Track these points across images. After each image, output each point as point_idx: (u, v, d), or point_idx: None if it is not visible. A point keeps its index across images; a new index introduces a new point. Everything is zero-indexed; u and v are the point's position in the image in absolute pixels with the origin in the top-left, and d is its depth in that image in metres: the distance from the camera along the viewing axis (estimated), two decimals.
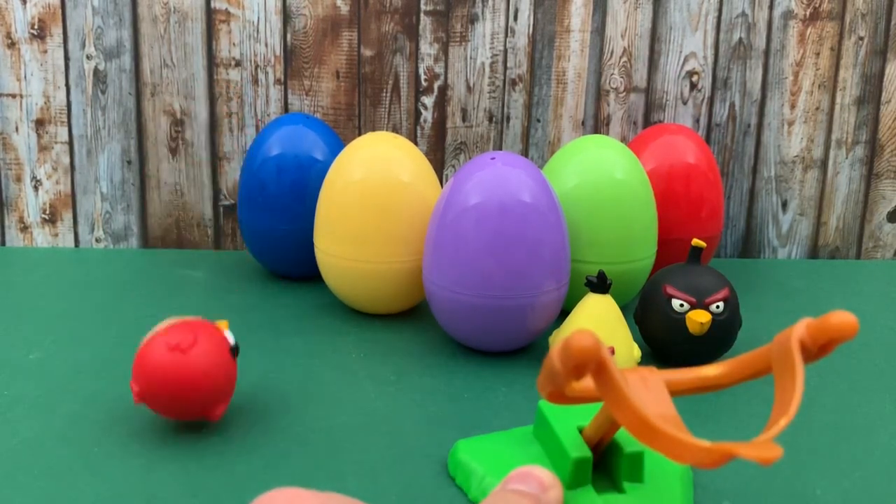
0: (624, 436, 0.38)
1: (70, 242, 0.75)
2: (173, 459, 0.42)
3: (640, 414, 0.29)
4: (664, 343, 0.53)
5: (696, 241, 0.53)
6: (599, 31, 0.74)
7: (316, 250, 0.61)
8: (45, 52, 0.72)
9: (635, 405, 0.29)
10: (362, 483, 0.41)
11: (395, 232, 0.57)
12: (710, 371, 0.34)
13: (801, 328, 0.31)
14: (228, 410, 0.47)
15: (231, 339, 0.44)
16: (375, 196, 0.57)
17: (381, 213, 0.57)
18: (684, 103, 0.76)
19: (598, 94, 0.76)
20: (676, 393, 0.34)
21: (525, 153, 0.76)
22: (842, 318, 0.30)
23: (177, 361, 0.42)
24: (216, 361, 0.42)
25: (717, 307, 0.51)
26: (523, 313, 0.53)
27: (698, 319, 0.50)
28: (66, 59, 0.72)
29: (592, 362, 0.28)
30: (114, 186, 0.74)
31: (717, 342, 0.52)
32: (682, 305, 0.52)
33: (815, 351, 0.31)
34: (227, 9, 0.72)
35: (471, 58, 0.74)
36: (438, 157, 0.76)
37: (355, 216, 0.57)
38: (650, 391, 0.33)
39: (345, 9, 0.72)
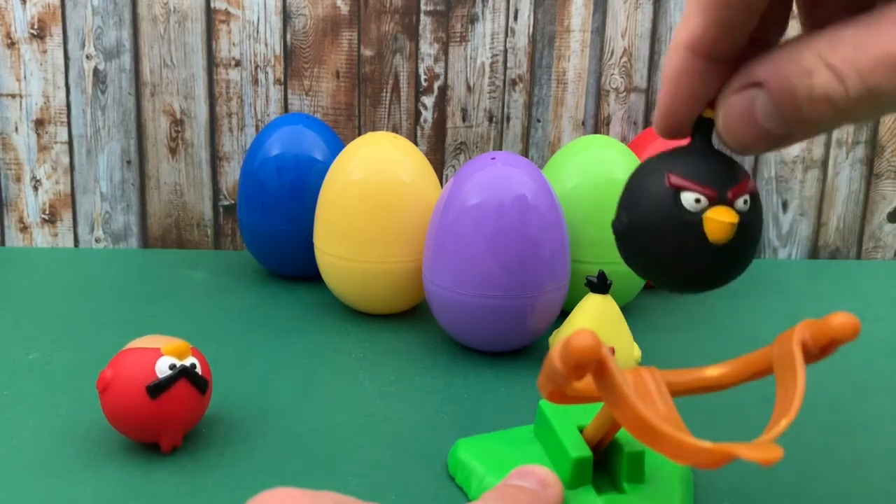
0: (625, 435, 0.38)
1: (70, 242, 0.75)
2: (172, 459, 0.42)
3: (641, 414, 0.29)
4: (668, 261, 0.34)
5: (707, 112, 0.33)
6: (600, 31, 0.74)
7: (316, 250, 0.61)
8: (45, 51, 0.72)
9: (635, 405, 0.29)
10: (362, 483, 0.41)
11: (395, 232, 0.57)
12: (712, 372, 0.34)
13: (802, 329, 0.31)
14: (227, 410, 0.47)
15: (159, 374, 0.41)
16: (375, 196, 0.57)
17: (381, 213, 0.57)
18: None
19: (599, 94, 0.76)
20: (677, 393, 0.34)
21: (525, 153, 0.76)
22: (843, 319, 0.30)
23: (102, 399, 0.42)
24: (126, 404, 0.41)
25: (745, 202, 0.34)
26: (523, 313, 0.53)
27: (724, 219, 0.34)
28: (66, 58, 0.72)
29: (593, 362, 0.28)
30: (113, 186, 0.74)
31: (740, 254, 0.35)
32: (697, 201, 0.34)
33: (816, 352, 0.31)
34: (226, 9, 0.72)
35: (471, 58, 0.74)
36: (438, 157, 0.76)
37: (355, 216, 0.57)
38: (651, 391, 0.33)
39: (345, 9, 0.72)
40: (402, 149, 0.59)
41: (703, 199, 0.34)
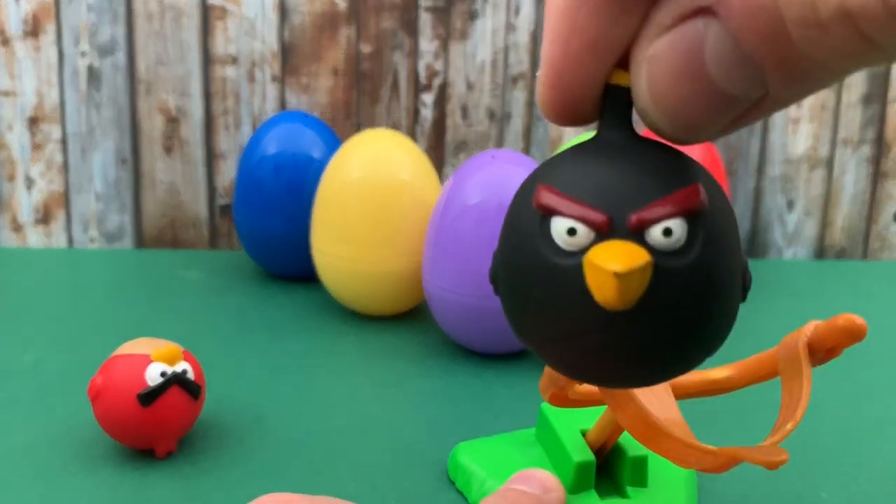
0: (628, 439, 0.38)
1: (63, 242, 0.75)
2: (168, 464, 0.42)
3: (644, 418, 0.28)
4: (545, 335, 0.22)
5: (618, 77, 0.20)
6: None
7: (313, 250, 0.60)
8: (39, 49, 0.71)
9: (639, 409, 0.28)
10: (361, 486, 0.40)
11: (393, 231, 0.57)
12: (717, 374, 0.34)
13: (808, 331, 0.31)
14: (223, 414, 0.46)
15: (150, 382, 0.40)
16: (373, 195, 0.56)
17: (379, 212, 0.56)
18: None
19: None
20: (681, 396, 0.34)
21: (526, 152, 0.76)
22: (850, 320, 0.30)
23: (94, 407, 0.41)
24: (117, 413, 0.40)
25: (667, 231, 0.20)
26: None
27: (610, 265, 0.19)
28: (60, 56, 0.71)
29: None
30: (108, 185, 0.74)
31: (673, 328, 0.20)
32: (572, 232, 0.20)
33: (822, 354, 0.31)
34: (222, 5, 0.71)
35: (471, 55, 0.73)
36: (438, 155, 0.75)
37: (352, 215, 0.57)
38: (654, 394, 0.32)
39: (343, 5, 0.72)
40: (401, 146, 0.58)
41: (581, 227, 0.20)
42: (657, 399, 0.32)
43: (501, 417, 0.47)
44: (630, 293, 0.19)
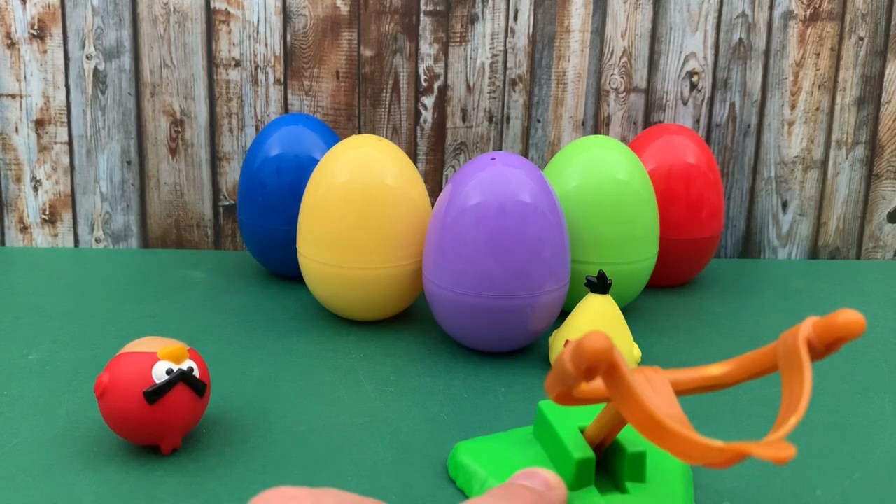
0: (626, 436, 0.38)
1: (70, 243, 0.75)
2: (173, 460, 0.42)
3: (653, 415, 0.29)
4: None
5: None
6: (599, 31, 0.74)
7: (299, 256, 0.60)
8: (45, 52, 0.71)
9: (648, 407, 0.29)
10: (362, 484, 0.41)
11: (378, 236, 0.56)
12: (715, 370, 0.34)
13: (807, 326, 0.31)
14: (227, 411, 0.47)
15: (156, 379, 0.40)
16: (357, 200, 0.56)
17: (364, 217, 0.56)
18: (684, 104, 0.76)
19: (599, 94, 0.76)
20: (681, 392, 0.34)
21: (525, 153, 0.76)
22: (849, 316, 0.30)
23: (100, 404, 0.42)
24: (124, 410, 0.40)
25: None
26: (523, 313, 0.53)
27: None
28: (66, 59, 0.72)
29: (605, 364, 0.28)
30: (113, 187, 0.74)
31: None
32: None
33: (821, 349, 0.31)
34: (226, 9, 0.72)
35: (471, 58, 0.74)
36: (438, 157, 0.76)
37: (337, 220, 0.56)
38: (656, 391, 0.33)
39: (345, 9, 0.72)
40: (386, 151, 0.58)
41: None
42: (659, 396, 0.33)
43: (500, 415, 0.48)
44: None
